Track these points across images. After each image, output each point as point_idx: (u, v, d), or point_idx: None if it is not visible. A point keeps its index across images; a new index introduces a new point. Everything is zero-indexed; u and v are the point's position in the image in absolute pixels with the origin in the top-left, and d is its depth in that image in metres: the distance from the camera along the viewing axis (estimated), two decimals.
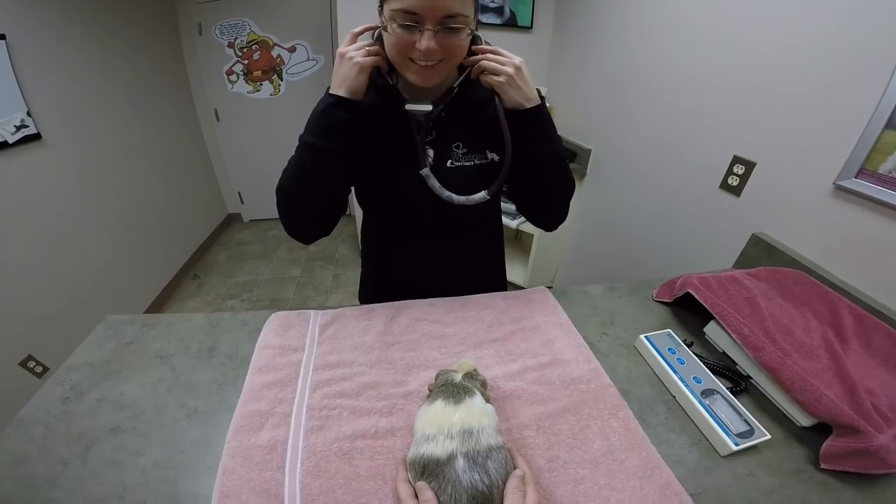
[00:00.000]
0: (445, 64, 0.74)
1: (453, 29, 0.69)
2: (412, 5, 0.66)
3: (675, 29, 1.56)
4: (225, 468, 0.59)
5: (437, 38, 0.69)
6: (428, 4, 0.65)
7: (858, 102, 0.97)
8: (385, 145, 0.87)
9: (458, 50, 0.74)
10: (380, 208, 0.98)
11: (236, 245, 3.72)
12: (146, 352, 0.83)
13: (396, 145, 0.85)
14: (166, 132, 3.02)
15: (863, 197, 0.98)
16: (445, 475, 0.49)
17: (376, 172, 0.90)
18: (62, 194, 2.08)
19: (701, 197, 1.49)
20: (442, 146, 0.87)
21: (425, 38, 0.68)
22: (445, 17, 0.67)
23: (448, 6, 0.66)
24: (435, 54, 0.71)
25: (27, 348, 1.86)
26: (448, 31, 0.69)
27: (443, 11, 0.66)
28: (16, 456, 0.62)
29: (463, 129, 0.87)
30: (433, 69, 0.73)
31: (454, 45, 0.72)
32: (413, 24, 0.68)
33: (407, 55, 0.72)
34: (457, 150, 0.87)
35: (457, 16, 0.68)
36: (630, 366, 0.83)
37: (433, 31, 0.68)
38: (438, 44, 0.69)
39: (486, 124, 0.84)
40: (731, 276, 0.97)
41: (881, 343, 0.84)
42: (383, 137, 0.86)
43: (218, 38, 3.24)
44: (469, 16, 0.70)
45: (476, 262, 1.05)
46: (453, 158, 0.87)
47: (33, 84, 1.88)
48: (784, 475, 0.64)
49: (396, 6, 0.67)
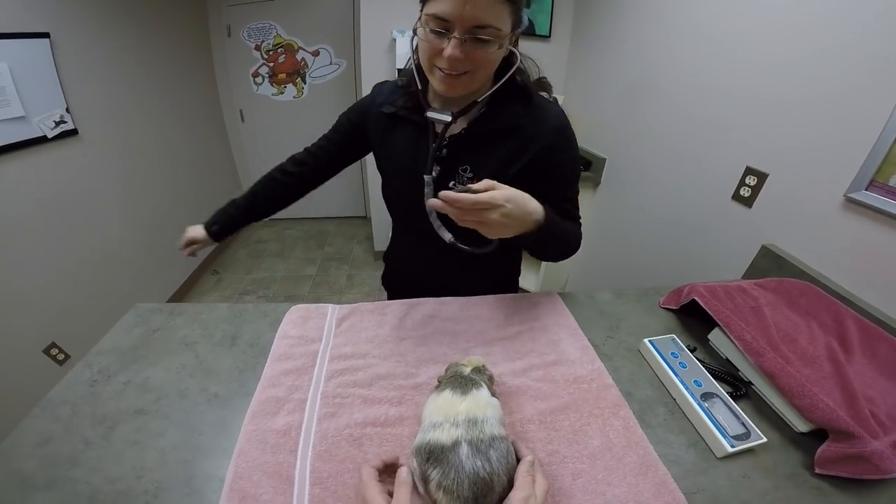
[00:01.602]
0: (471, 76, 0.73)
1: (482, 40, 0.68)
2: (443, 11, 0.66)
3: (691, 39, 1.57)
4: (240, 450, 0.63)
5: (463, 47, 0.68)
6: (458, 11, 0.65)
7: (870, 114, 0.98)
8: (404, 148, 0.90)
9: (485, 63, 0.73)
10: (394, 207, 1.03)
11: (255, 243, 3.81)
12: (172, 339, 0.87)
13: (415, 150, 0.88)
14: (194, 131, 3.11)
15: (873, 209, 0.98)
16: (449, 461, 0.51)
17: (393, 173, 0.95)
18: (94, 187, 2.17)
19: (713, 207, 1.50)
20: (449, 166, 0.87)
21: (450, 46, 0.68)
22: (475, 26, 0.67)
23: (479, 16, 0.66)
24: (459, 64, 0.70)
25: (51, 336, 1.93)
26: (476, 42, 0.68)
27: (473, 21, 0.66)
28: (41, 435, 0.66)
29: (474, 155, 0.86)
30: (457, 79, 0.73)
31: (481, 57, 0.71)
32: (443, 30, 0.68)
33: (434, 61, 0.73)
34: (463, 173, 0.87)
35: (487, 27, 0.67)
36: (633, 368, 0.85)
37: (460, 39, 0.67)
38: (465, 53, 0.69)
39: (502, 154, 0.84)
40: (739, 286, 0.98)
41: (886, 354, 0.84)
42: (404, 140, 0.89)
43: (246, 41, 3.34)
44: (502, 29, 0.69)
45: (488, 262, 1.04)
46: (457, 181, 0.87)
47: (73, 81, 1.97)
48: (779, 478, 0.65)
49: (431, 10, 0.68)
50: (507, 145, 0.84)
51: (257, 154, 3.77)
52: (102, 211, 2.23)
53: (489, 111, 0.84)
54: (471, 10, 0.65)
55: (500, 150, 0.84)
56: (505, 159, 0.85)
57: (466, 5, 0.64)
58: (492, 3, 0.66)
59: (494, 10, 0.67)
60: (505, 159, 0.85)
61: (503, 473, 0.52)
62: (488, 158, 0.85)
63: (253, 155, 3.77)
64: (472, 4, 0.65)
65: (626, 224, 2.12)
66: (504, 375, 0.78)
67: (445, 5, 0.65)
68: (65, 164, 1.97)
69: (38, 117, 1.79)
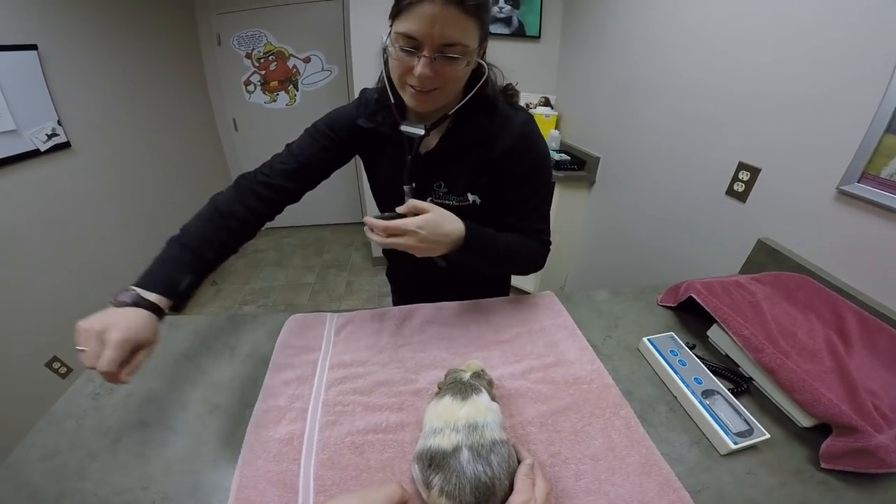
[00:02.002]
0: (441, 92, 0.75)
1: (451, 58, 0.69)
2: (413, 30, 0.67)
3: (681, 37, 1.58)
4: (244, 460, 0.63)
5: (433, 65, 0.69)
6: (427, 31, 0.66)
7: (860, 107, 0.98)
8: (387, 165, 0.92)
9: (454, 79, 0.74)
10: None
11: (253, 252, 3.80)
12: (172, 351, 0.87)
13: (396, 165, 0.90)
14: (187, 141, 3.10)
15: (865, 201, 0.99)
16: (450, 466, 0.52)
17: (380, 191, 0.99)
18: (88, 200, 2.16)
19: (707, 203, 1.51)
20: (423, 183, 0.89)
21: (420, 65, 0.69)
22: (444, 45, 0.68)
23: (447, 34, 0.67)
24: (429, 81, 0.71)
25: (53, 349, 1.93)
26: (445, 60, 0.70)
27: (441, 39, 0.67)
28: (47, 449, 0.66)
29: (447, 170, 0.88)
30: (427, 95, 0.74)
31: (450, 74, 0.72)
32: (412, 48, 0.69)
33: (405, 79, 0.74)
34: (438, 188, 0.89)
35: (456, 45, 0.68)
36: (633, 367, 0.85)
37: (430, 58, 0.68)
38: (434, 71, 0.70)
39: (471, 167, 0.86)
40: (736, 281, 0.98)
41: (885, 345, 0.85)
42: (387, 156, 0.92)
43: (236, 49, 3.34)
44: (469, 45, 0.70)
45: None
46: (433, 196, 0.90)
47: (63, 94, 1.96)
48: (784, 474, 0.65)
49: (400, 29, 0.68)
50: (475, 157, 0.85)
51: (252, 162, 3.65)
52: (98, 223, 2.23)
53: (457, 125, 0.85)
54: (440, 29, 0.66)
55: (469, 164, 0.86)
56: (474, 172, 0.87)
57: (436, 24, 0.65)
58: (460, 21, 0.67)
59: (463, 27, 0.68)
60: (474, 172, 0.87)
61: (504, 478, 0.52)
62: (459, 173, 0.88)
63: (247, 163, 3.69)
64: (441, 23, 0.65)
65: (621, 222, 2.13)
66: (503, 379, 0.79)
67: (415, 24, 0.66)
68: (59, 177, 1.96)
69: (30, 130, 1.78)
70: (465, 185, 0.88)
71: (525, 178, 0.87)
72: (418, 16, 0.66)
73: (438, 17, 0.65)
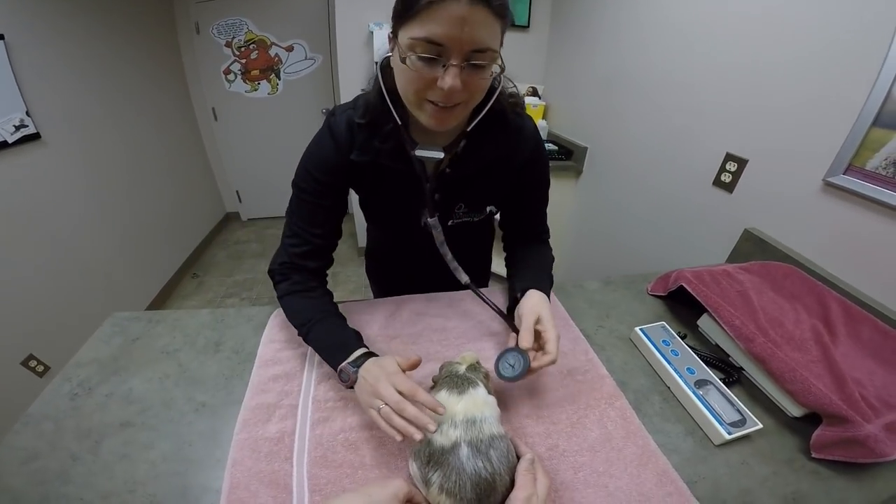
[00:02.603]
0: (465, 107, 0.65)
1: (479, 66, 0.59)
2: (438, 34, 0.56)
3: (670, 28, 1.58)
4: (234, 460, 0.61)
5: (462, 75, 0.59)
6: (456, 34, 0.55)
7: (847, 100, 0.99)
8: (393, 195, 0.82)
9: (480, 91, 0.65)
10: (387, 237, 1.05)
11: (235, 244, 3.72)
12: (153, 347, 0.84)
13: (402, 191, 0.80)
14: (164, 131, 3.02)
15: (851, 193, 1.00)
16: (450, 463, 0.51)
17: (385, 221, 0.92)
18: (61, 193, 2.09)
19: (695, 193, 1.52)
20: (445, 207, 0.82)
21: (450, 76, 0.58)
22: (474, 50, 0.57)
23: (479, 38, 0.57)
24: (457, 95, 0.61)
25: (29, 348, 1.86)
26: (473, 69, 0.59)
27: (472, 44, 0.57)
28: (26, 452, 0.63)
29: (465, 191, 0.82)
30: (451, 112, 0.64)
31: (478, 84, 0.63)
32: (436, 56, 0.58)
33: (423, 94, 0.62)
34: (458, 210, 0.84)
35: (486, 50, 0.58)
36: (626, 357, 0.85)
37: (459, 66, 0.58)
38: (462, 83, 0.59)
39: (492, 183, 0.83)
40: (724, 270, 0.99)
41: (869, 335, 0.86)
42: (391, 187, 0.81)
43: (216, 38, 3.24)
44: (497, 51, 0.61)
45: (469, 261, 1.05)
46: (454, 218, 0.85)
47: (32, 84, 1.88)
48: (777, 464, 0.66)
49: (418, 34, 0.57)
50: (493, 174, 0.82)
51: (232, 153, 3.68)
52: (72, 217, 2.15)
53: (473, 141, 0.75)
54: (469, 31, 0.56)
55: (490, 180, 0.83)
56: (493, 188, 0.85)
57: (465, 26, 0.55)
58: (489, 23, 0.57)
59: (492, 29, 0.58)
60: (493, 188, 0.85)
61: (505, 473, 0.51)
62: (479, 192, 0.84)
63: (227, 153, 3.68)
64: (472, 25, 0.55)
65: (609, 212, 2.14)
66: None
67: (440, 27, 0.55)
68: (28, 169, 1.88)
69: None
70: (486, 200, 0.86)
71: (539, 182, 0.89)
72: (444, 17, 0.55)
73: (469, 18, 0.55)
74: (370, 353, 0.69)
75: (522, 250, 0.93)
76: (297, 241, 0.79)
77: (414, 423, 0.53)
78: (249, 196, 3.98)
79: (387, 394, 0.57)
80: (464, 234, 0.88)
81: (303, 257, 0.80)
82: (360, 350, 0.69)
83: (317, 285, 0.81)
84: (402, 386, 0.57)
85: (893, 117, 0.91)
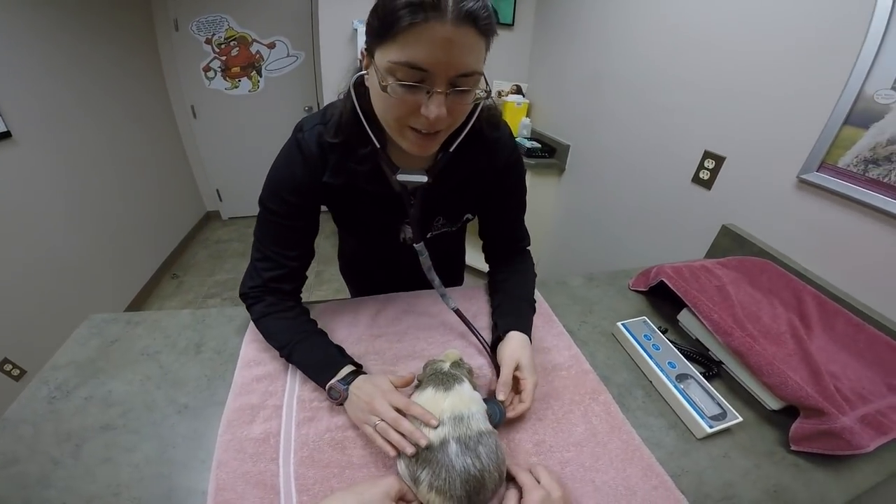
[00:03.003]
0: (447, 131, 0.62)
1: (464, 91, 0.56)
2: (421, 59, 0.51)
3: (651, 28, 1.61)
4: (219, 462, 0.60)
5: (446, 101, 0.55)
6: (441, 59, 0.51)
7: (820, 99, 1.02)
8: (367, 210, 0.79)
9: (464, 115, 0.61)
10: (365, 250, 1.04)
11: (215, 243, 3.66)
12: (132, 349, 0.82)
13: (379, 210, 0.79)
14: (142, 129, 2.95)
15: (824, 189, 1.03)
16: (438, 460, 0.51)
17: (354, 230, 0.87)
18: (35, 193, 2.02)
19: (674, 190, 1.55)
20: (423, 221, 0.82)
21: (434, 104, 0.54)
22: (459, 75, 0.53)
23: (465, 62, 0.53)
24: (440, 122, 0.57)
25: (3, 351, 1.81)
26: (458, 94, 0.55)
27: (458, 69, 0.53)
28: (5, 456, 0.62)
29: (444, 204, 0.81)
30: (434, 138, 0.61)
31: (462, 110, 0.59)
32: (418, 83, 0.53)
33: (406, 121, 0.58)
34: (436, 223, 0.84)
35: (472, 74, 0.54)
36: (608, 352, 0.87)
37: (444, 93, 0.54)
38: (447, 108, 0.55)
39: (469, 194, 0.82)
40: (703, 266, 1.01)
41: (842, 329, 0.89)
42: (366, 206, 0.78)
43: (195, 34, 3.18)
44: (482, 73, 0.57)
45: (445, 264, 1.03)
46: (433, 230, 0.85)
47: (2, 81, 1.82)
48: (758, 457, 0.68)
49: (398, 58, 0.52)
50: (471, 185, 0.81)
51: (212, 151, 3.62)
52: (47, 216, 2.09)
53: (452, 159, 0.71)
54: (456, 55, 0.51)
55: (466, 194, 0.82)
56: (472, 200, 0.85)
57: (452, 49, 0.51)
58: (475, 44, 0.53)
59: (478, 52, 0.54)
60: (472, 200, 0.85)
61: (494, 470, 0.52)
62: (456, 204, 0.84)
63: (207, 151, 3.61)
64: (458, 48, 0.51)
65: (591, 208, 2.16)
66: (483, 367, 0.78)
67: (422, 51, 0.51)
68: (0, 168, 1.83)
69: None
70: (463, 211, 0.86)
71: (515, 189, 0.87)
72: (427, 39, 0.50)
73: (454, 40, 0.50)
74: (358, 371, 0.69)
75: (504, 271, 0.93)
76: (270, 265, 0.77)
77: (408, 438, 0.55)
78: (230, 194, 3.91)
79: (383, 410, 0.58)
80: (440, 242, 0.88)
81: (278, 280, 0.77)
82: (348, 368, 0.69)
83: (294, 304, 0.80)
84: (398, 403, 0.59)
85: (864, 116, 0.94)
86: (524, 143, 2.34)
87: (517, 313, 0.81)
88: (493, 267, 0.97)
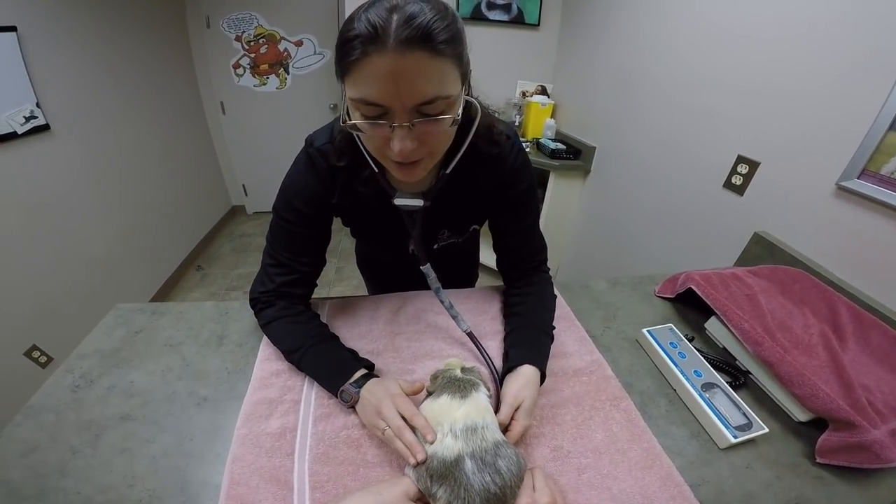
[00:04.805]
0: (431, 158, 0.60)
1: (434, 119, 0.52)
2: (371, 95, 0.49)
3: (684, 27, 1.56)
4: (234, 455, 0.61)
5: (413, 133, 0.53)
6: (391, 92, 0.48)
7: (863, 104, 0.97)
8: (377, 225, 0.82)
9: (443, 141, 0.59)
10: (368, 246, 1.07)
11: (240, 237, 3.73)
12: (156, 340, 0.84)
13: (388, 225, 0.80)
14: (172, 124, 3.02)
15: (865, 198, 0.99)
16: (455, 478, 0.49)
17: (366, 238, 0.94)
18: (69, 185, 2.09)
19: (704, 195, 1.50)
20: (428, 235, 0.84)
21: (397, 139, 0.53)
22: (420, 104, 0.50)
23: (420, 90, 0.49)
24: (414, 153, 0.55)
25: (32, 338, 1.87)
26: (427, 123, 0.52)
27: (415, 99, 0.50)
28: (26, 444, 0.63)
29: (447, 219, 0.82)
30: (417, 166, 0.59)
31: (437, 137, 0.57)
32: (379, 117, 0.52)
33: (383, 152, 0.57)
34: (441, 236, 0.86)
35: (435, 100, 0.51)
36: (632, 359, 0.84)
37: (407, 126, 0.51)
38: (417, 140, 0.54)
39: (474, 207, 0.82)
40: (733, 274, 0.98)
41: (878, 341, 0.85)
42: (374, 221, 0.81)
43: (225, 32, 3.24)
44: (453, 94, 0.53)
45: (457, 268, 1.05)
46: (438, 242, 0.86)
47: (43, 76, 1.89)
48: (781, 468, 0.65)
49: (353, 94, 0.51)
50: (474, 203, 0.80)
51: (239, 146, 3.69)
52: (79, 208, 2.16)
53: (453, 178, 0.70)
54: (406, 86, 0.48)
55: (470, 209, 0.82)
56: (475, 213, 0.84)
57: (400, 81, 0.48)
58: (432, 67, 0.49)
59: (439, 74, 0.50)
60: (475, 213, 0.84)
61: (515, 485, 0.50)
62: (460, 218, 0.84)
63: (235, 147, 3.69)
64: (407, 78, 0.48)
65: (617, 211, 2.12)
66: (501, 371, 0.77)
67: (371, 87, 0.49)
68: (37, 160, 1.89)
69: (7, 112, 1.71)
70: (468, 223, 0.86)
71: (523, 202, 0.82)
72: (371, 75, 0.48)
73: (401, 70, 0.47)
74: (370, 374, 0.69)
75: (520, 293, 0.87)
76: (283, 271, 0.78)
77: (409, 449, 0.54)
78: (255, 190, 3.98)
79: (390, 416, 0.58)
80: (450, 251, 0.89)
81: (291, 285, 0.79)
82: (361, 371, 0.69)
83: (304, 309, 0.81)
84: (405, 410, 0.58)
85: None
86: (548, 145, 2.30)
87: (530, 343, 0.76)
88: (509, 286, 0.93)
